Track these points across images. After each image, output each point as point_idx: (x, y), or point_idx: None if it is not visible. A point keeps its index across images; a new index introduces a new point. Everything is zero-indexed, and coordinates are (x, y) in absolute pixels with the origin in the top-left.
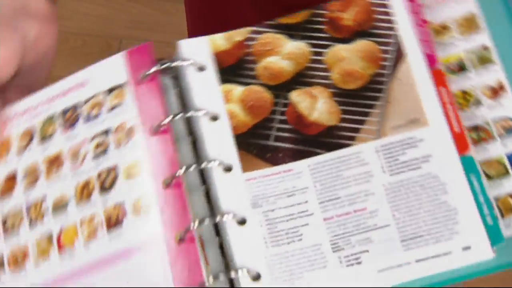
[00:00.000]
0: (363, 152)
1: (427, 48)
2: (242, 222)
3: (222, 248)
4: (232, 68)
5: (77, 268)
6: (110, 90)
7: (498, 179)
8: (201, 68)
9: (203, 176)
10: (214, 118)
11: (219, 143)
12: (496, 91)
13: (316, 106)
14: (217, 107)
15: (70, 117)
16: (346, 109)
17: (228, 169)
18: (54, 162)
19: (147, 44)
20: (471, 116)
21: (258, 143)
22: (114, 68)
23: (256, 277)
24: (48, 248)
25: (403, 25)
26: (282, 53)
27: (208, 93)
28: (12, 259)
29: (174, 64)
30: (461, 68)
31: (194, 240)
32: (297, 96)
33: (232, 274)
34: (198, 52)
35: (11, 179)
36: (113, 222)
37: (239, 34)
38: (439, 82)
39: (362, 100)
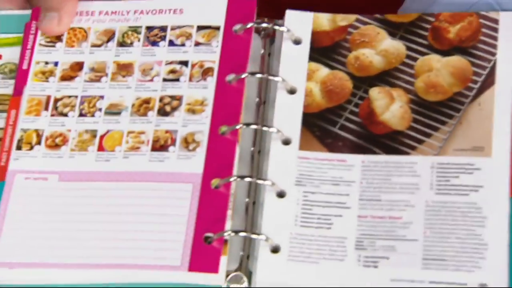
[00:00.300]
0: (418, 164)
1: None
2: (281, 195)
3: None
4: (325, 50)
5: (109, 171)
6: (202, 28)
7: None
8: (297, 42)
9: (260, 140)
10: (292, 91)
11: (287, 115)
12: None
13: (391, 107)
14: (298, 82)
15: (155, 35)
16: (417, 118)
17: (286, 142)
18: (123, 69)
19: (254, 1)
20: None
21: (323, 127)
22: (213, 9)
23: (275, 250)
24: (89, 143)
25: (505, 53)
26: (378, 48)
27: (295, 66)
28: (51, 139)
29: (270, 26)
30: None
31: (228, 192)
32: (377, 93)
33: (253, 236)
34: (300, 25)
35: (77, 69)
36: (159, 145)
37: (344, 19)
38: None
39: (436, 114)
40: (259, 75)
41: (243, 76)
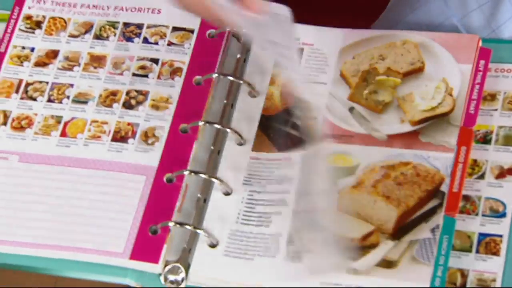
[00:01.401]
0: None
1: (472, 107)
2: (227, 193)
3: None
4: None
5: (68, 157)
6: (176, 29)
7: (459, 251)
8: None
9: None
10: (254, 95)
11: (246, 116)
12: (503, 173)
13: None
14: (262, 86)
15: (131, 31)
16: None
17: (241, 143)
18: (96, 60)
19: None
20: (469, 186)
21: (277, 127)
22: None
23: (213, 245)
24: (53, 128)
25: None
26: None
27: (260, 71)
28: (17, 120)
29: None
30: (485, 139)
31: (180, 186)
32: None
33: (194, 230)
34: None
35: (52, 56)
36: (120, 136)
37: None
38: (464, 141)
39: None
40: (228, 77)
41: (209, 76)
